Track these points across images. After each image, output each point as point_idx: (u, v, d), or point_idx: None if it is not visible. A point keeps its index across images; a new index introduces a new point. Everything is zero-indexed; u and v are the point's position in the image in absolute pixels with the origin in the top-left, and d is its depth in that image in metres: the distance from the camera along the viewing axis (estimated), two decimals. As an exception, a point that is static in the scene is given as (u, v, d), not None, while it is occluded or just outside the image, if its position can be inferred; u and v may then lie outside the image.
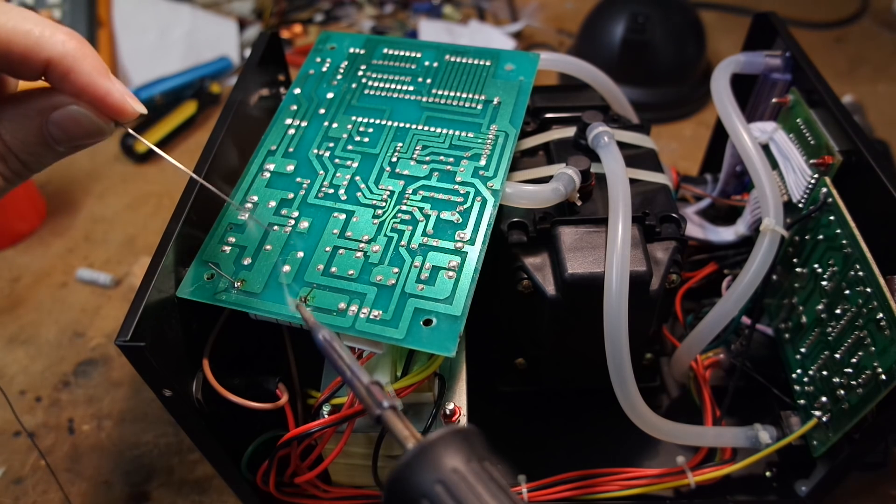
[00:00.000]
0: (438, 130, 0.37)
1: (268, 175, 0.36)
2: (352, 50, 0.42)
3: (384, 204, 0.34)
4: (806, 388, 0.39)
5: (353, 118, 0.38)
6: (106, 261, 0.60)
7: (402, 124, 0.38)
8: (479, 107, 0.38)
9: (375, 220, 0.34)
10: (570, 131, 0.41)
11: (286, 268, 0.32)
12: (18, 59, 0.23)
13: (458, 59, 0.41)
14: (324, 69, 0.41)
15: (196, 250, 0.33)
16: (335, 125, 0.38)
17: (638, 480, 0.40)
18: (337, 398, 0.33)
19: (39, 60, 0.23)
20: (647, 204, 0.38)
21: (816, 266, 0.38)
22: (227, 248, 0.33)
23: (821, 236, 0.38)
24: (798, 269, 0.40)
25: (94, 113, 0.25)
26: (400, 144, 0.37)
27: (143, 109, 0.26)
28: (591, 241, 0.36)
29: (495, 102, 0.39)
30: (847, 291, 0.35)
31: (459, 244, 0.32)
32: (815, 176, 0.39)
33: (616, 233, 0.35)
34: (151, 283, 0.29)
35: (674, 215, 0.38)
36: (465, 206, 0.34)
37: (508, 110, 0.38)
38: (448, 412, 0.35)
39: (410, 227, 0.33)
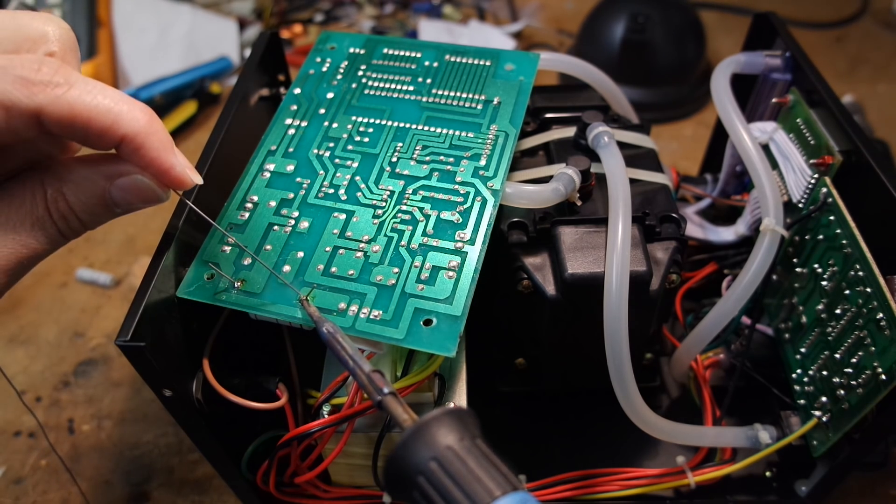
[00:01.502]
0: (438, 130, 0.37)
1: (268, 175, 0.36)
2: (352, 50, 0.42)
3: (384, 204, 0.34)
4: (806, 388, 0.39)
5: (353, 118, 0.38)
6: (106, 261, 0.60)
7: (402, 124, 0.38)
8: (479, 107, 0.38)
9: (375, 220, 0.34)
10: (570, 131, 0.41)
11: (286, 268, 0.32)
12: (97, 134, 0.24)
13: (458, 59, 0.41)
14: (324, 69, 0.41)
15: (196, 250, 0.33)
16: (335, 125, 0.38)
17: (638, 480, 0.40)
18: (337, 398, 0.33)
19: (116, 137, 0.24)
20: (647, 204, 0.38)
21: (816, 266, 0.38)
22: (227, 248, 0.33)
23: (821, 236, 0.38)
24: (798, 269, 0.40)
25: (155, 182, 0.26)
26: (400, 144, 0.37)
27: (199, 181, 0.27)
28: (591, 241, 0.36)
29: (495, 102, 0.39)
30: (847, 291, 0.35)
31: (459, 244, 0.32)
32: (815, 176, 0.39)
33: (616, 233, 0.35)
34: (151, 283, 0.29)
35: (674, 215, 0.38)
36: (465, 206, 0.34)
37: (508, 110, 0.38)
38: (448, 412, 0.35)
39: (410, 227, 0.33)
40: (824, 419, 0.37)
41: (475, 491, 0.21)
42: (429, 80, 0.40)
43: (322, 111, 0.39)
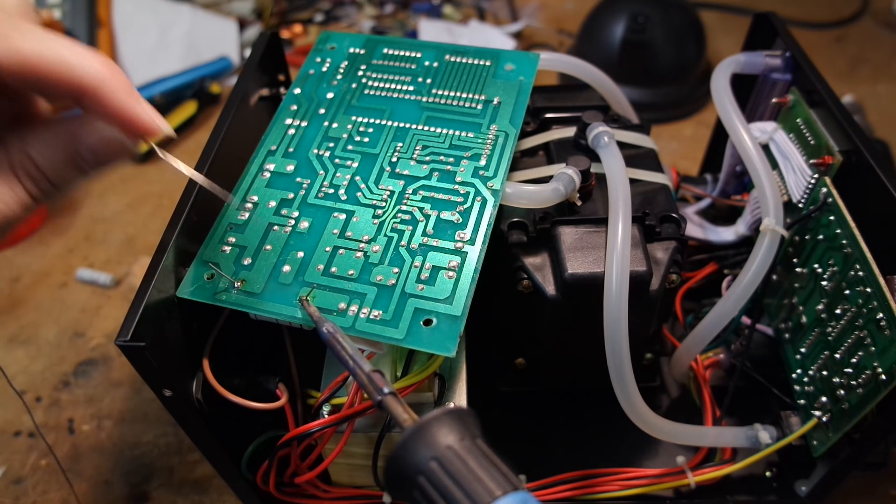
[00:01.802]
0: (438, 130, 0.37)
1: (268, 175, 0.36)
2: (352, 50, 0.42)
3: (384, 204, 0.34)
4: (806, 388, 0.39)
5: (353, 118, 0.38)
6: (106, 261, 0.60)
7: (402, 124, 0.38)
8: (479, 107, 0.38)
9: (375, 220, 0.34)
10: (570, 131, 0.41)
11: (286, 268, 0.32)
12: (53, 84, 0.23)
13: (458, 59, 0.41)
14: (324, 69, 0.41)
15: (196, 250, 0.33)
16: (335, 125, 0.38)
17: (638, 480, 0.40)
18: (337, 398, 0.33)
19: (72, 86, 0.24)
20: (647, 204, 0.38)
21: (816, 266, 0.38)
22: (227, 248, 0.33)
23: (821, 236, 0.38)
24: (798, 269, 0.40)
25: (122, 134, 0.26)
26: (400, 144, 0.37)
27: (170, 130, 0.26)
28: (591, 241, 0.36)
29: (495, 102, 0.39)
30: (847, 291, 0.35)
31: (459, 244, 0.32)
32: (815, 176, 0.39)
33: (616, 233, 0.35)
34: (151, 283, 0.29)
35: (674, 215, 0.38)
36: (465, 206, 0.34)
37: (508, 110, 0.38)
38: (448, 412, 0.35)
39: (410, 227, 0.33)
40: (824, 419, 0.37)
41: (476, 490, 0.21)
42: (429, 80, 0.40)
43: (322, 111, 0.39)
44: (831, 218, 0.37)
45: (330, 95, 0.39)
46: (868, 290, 0.33)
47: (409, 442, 0.22)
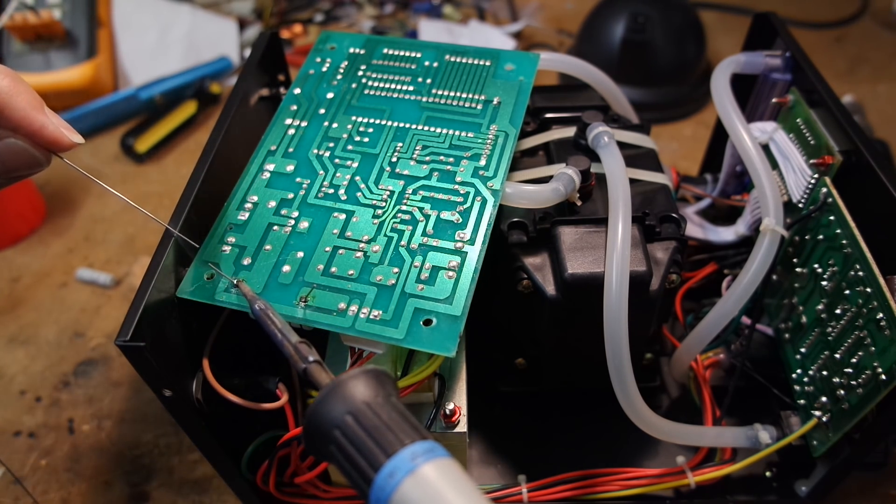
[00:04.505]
0: (438, 130, 0.37)
1: (268, 175, 0.36)
2: (352, 50, 0.42)
3: (384, 204, 0.34)
4: (806, 388, 0.39)
5: (353, 118, 0.38)
6: (106, 261, 0.60)
7: (402, 124, 0.38)
8: (479, 107, 0.38)
9: (375, 220, 0.34)
10: (570, 131, 0.41)
11: (286, 268, 0.32)
12: None
13: (458, 59, 0.41)
14: (324, 69, 0.41)
15: (196, 250, 0.33)
16: (335, 125, 0.38)
17: (638, 480, 0.40)
18: (337, 398, 0.33)
19: None
20: (647, 204, 0.38)
21: (816, 266, 0.38)
22: (227, 248, 0.33)
23: (821, 236, 0.38)
24: (798, 269, 0.40)
25: (30, 145, 0.26)
26: (400, 144, 0.37)
27: (79, 140, 0.26)
28: (591, 241, 0.36)
29: (495, 102, 0.39)
30: (847, 291, 0.35)
31: (459, 244, 0.32)
32: (815, 176, 0.39)
33: (616, 233, 0.35)
34: (151, 283, 0.29)
35: (674, 215, 0.38)
36: (465, 206, 0.34)
37: (508, 110, 0.38)
38: (448, 412, 0.35)
39: (410, 227, 0.33)
40: (824, 419, 0.37)
41: (387, 440, 0.22)
42: (429, 80, 0.40)
43: (322, 111, 0.39)
44: (831, 218, 0.37)
45: (330, 95, 0.39)
46: (868, 290, 0.33)
47: (327, 398, 0.23)
